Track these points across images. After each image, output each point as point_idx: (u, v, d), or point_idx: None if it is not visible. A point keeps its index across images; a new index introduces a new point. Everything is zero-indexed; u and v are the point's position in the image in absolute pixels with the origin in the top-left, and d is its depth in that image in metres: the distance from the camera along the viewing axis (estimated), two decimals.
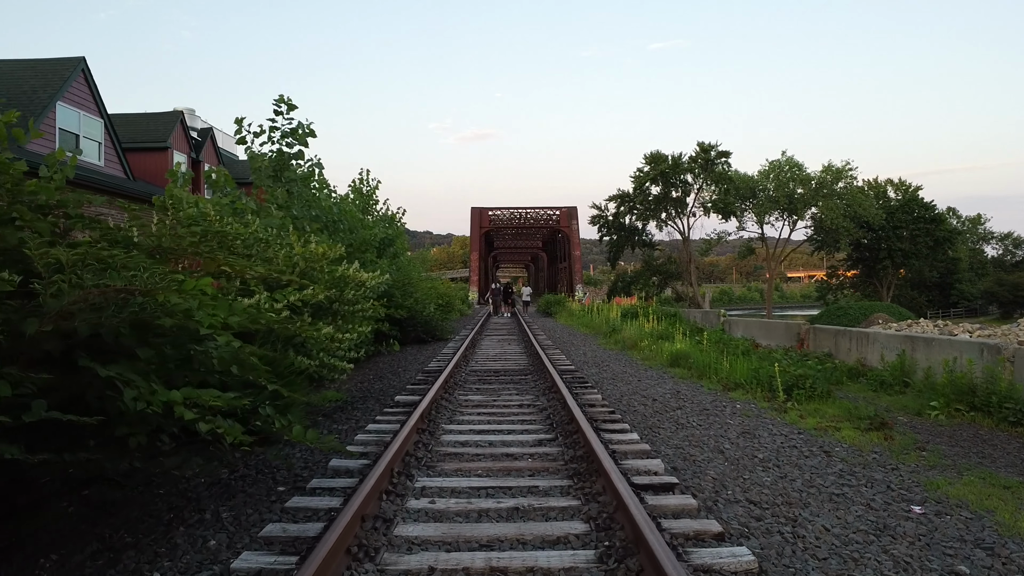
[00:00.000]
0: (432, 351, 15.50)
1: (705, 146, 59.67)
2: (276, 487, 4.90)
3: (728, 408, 8.26)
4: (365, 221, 16.26)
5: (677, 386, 10.06)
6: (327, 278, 7.83)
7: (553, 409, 7.47)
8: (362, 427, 6.94)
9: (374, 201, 20.53)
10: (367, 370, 12.63)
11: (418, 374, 11.14)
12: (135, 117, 22.59)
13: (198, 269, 5.22)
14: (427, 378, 10.11)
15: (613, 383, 10.34)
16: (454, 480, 4.81)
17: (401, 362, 13.62)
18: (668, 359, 12.79)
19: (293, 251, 7.46)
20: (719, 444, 6.44)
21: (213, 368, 4.03)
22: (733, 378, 9.99)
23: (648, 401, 8.69)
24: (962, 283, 74.44)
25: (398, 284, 16.99)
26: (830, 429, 7.06)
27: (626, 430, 6.49)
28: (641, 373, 11.60)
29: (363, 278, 8.00)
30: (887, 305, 54.96)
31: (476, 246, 56.54)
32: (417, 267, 29.80)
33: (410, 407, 7.60)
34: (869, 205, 60.44)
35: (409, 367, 12.67)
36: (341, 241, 13.90)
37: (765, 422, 7.45)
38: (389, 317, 16.10)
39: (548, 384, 9.13)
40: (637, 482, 4.63)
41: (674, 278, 66.15)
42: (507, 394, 8.77)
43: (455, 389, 9.12)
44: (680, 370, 11.88)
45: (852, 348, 10.76)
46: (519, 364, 12.22)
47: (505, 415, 7.29)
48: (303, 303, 7.48)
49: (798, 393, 8.51)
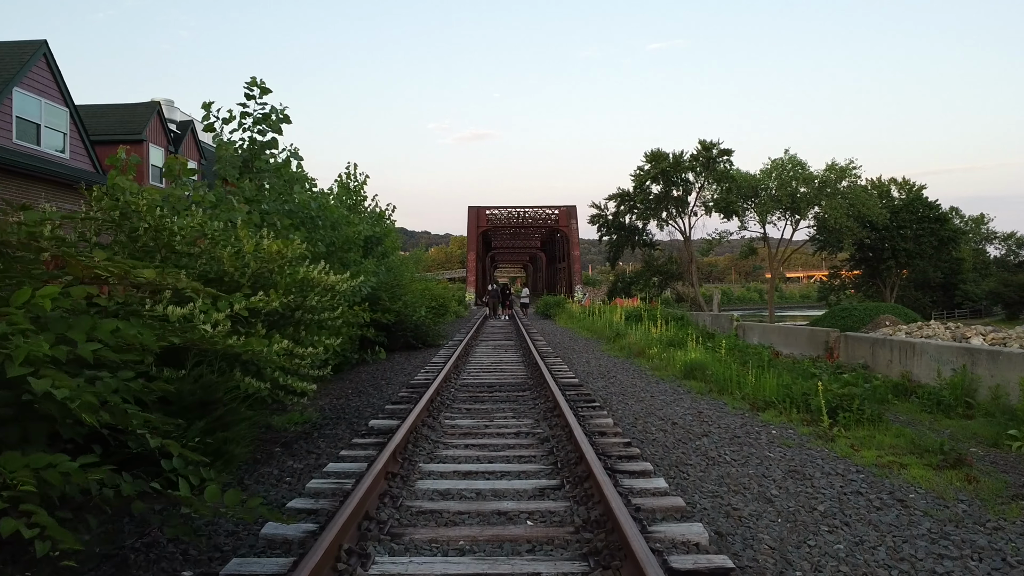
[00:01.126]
0: (422, 359, 14.21)
1: (707, 144, 58.41)
2: (180, 572, 3.60)
3: (762, 435, 6.98)
4: (349, 218, 14.96)
5: (697, 404, 8.78)
6: (287, 281, 6.55)
7: (557, 441, 6.19)
8: (321, 466, 5.65)
9: (362, 197, 19.26)
10: (347, 382, 11.34)
11: (402, 388, 9.86)
12: (108, 108, 21.26)
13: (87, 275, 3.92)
14: (411, 395, 8.83)
15: (623, 400, 9.06)
16: (425, 561, 3.52)
17: (386, 372, 12.33)
18: (681, 370, 11.51)
19: (243, 249, 6.17)
20: (764, 489, 5.17)
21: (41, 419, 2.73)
22: (761, 395, 8.72)
23: (667, 426, 7.41)
24: (966, 284, 73.29)
25: (385, 286, 15.70)
26: (894, 466, 5.78)
27: (648, 473, 5.20)
28: (653, 387, 10.32)
29: (330, 281, 6.70)
30: (892, 306, 53.79)
31: (473, 246, 55.22)
32: (411, 267, 28.52)
33: (385, 436, 6.32)
34: (873, 204, 59.28)
35: (394, 379, 11.38)
36: (321, 239, 12.65)
37: (812, 455, 6.18)
38: (375, 322, 14.83)
39: (549, 404, 7.85)
40: (678, 567, 3.35)
41: (675, 278, 64.89)
42: (502, 417, 7.49)
43: (441, 410, 7.84)
44: (696, 383, 10.60)
45: (894, 360, 9.50)
46: (516, 376, 10.94)
47: (498, 449, 6.00)
48: (254, 312, 6.20)
49: (843, 416, 7.24)
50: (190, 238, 6.32)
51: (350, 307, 11.80)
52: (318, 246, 12.23)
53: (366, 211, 18.61)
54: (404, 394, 8.99)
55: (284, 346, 6.14)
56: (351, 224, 14.53)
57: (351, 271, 13.56)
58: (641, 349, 15.02)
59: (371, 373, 12.31)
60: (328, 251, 12.95)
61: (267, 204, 11.10)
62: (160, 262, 6.39)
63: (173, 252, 6.47)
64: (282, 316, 6.89)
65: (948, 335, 31.58)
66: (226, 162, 10.58)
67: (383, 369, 12.81)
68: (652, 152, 59.93)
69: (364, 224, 15.37)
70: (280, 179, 11.58)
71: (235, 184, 10.75)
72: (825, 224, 57.80)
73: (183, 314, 5.39)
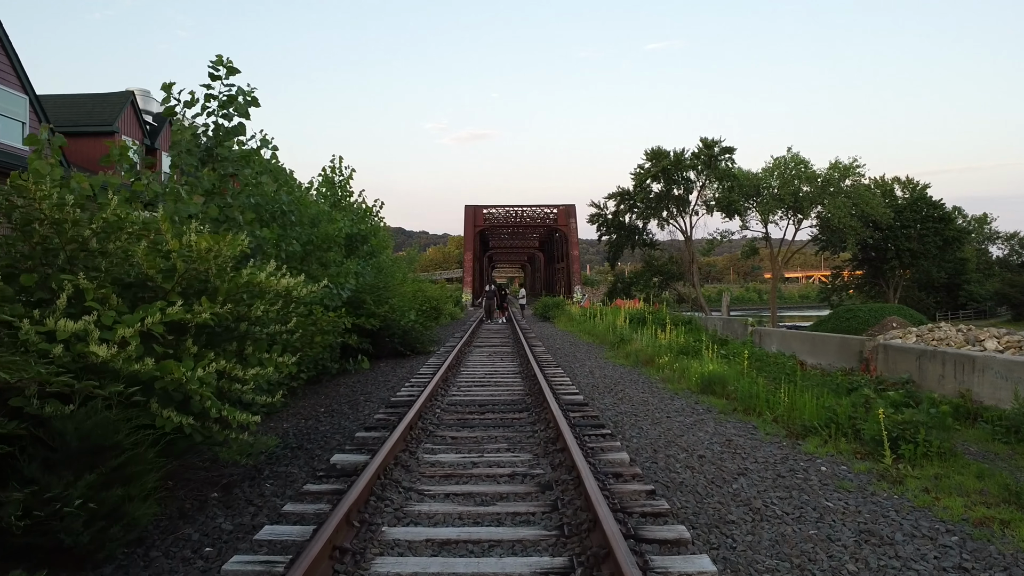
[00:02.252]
0: (409, 369, 12.93)
1: (708, 142, 57.14)
2: None
3: (811, 473, 5.72)
4: (331, 214, 13.66)
5: (723, 428, 7.52)
6: (228, 287, 5.27)
7: (562, 489, 4.91)
8: (256, 527, 4.37)
9: (348, 192, 17.98)
10: (322, 396, 10.07)
11: (381, 408, 8.58)
12: (77, 98, 19.93)
13: None
14: (389, 417, 7.55)
15: (637, 423, 7.79)
16: None
17: (368, 385, 11.05)
18: (698, 383, 10.25)
19: (166, 246, 4.88)
20: (838, 564, 3.90)
21: None
22: (798, 418, 7.45)
23: (693, 459, 6.14)
24: (970, 284, 72.17)
25: (371, 288, 14.42)
26: (992, 523, 4.53)
27: (685, 543, 3.93)
28: (668, 404, 9.06)
29: (281, 286, 5.42)
30: (898, 307, 52.61)
31: (470, 245, 53.94)
32: (403, 267, 27.23)
33: (346, 480, 5.04)
34: (877, 204, 58.12)
35: (374, 394, 10.10)
36: (296, 237, 11.37)
37: (882, 505, 4.91)
38: (358, 328, 13.54)
39: (551, 433, 6.57)
40: None
41: (676, 279, 63.62)
42: (493, 449, 6.21)
43: (422, 439, 6.56)
44: (716, 400, 9.34)
45: (947, 376, 8.24)
46: (512, 391, 9.66)
47: (488, 502, 4.72)
48: (179, 327, 4.93)
49: (906, 449, 5.98)
50: (103, 234, 5.05)
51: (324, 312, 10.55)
52: (292, 245, 10.96)
53: (352, 207, 17.34)
54: (382, 416, 7.71)
55: (220, 366, 4.88)
56: (332, 221, 13.25)
57: (330, 272, 12.33)
58: (649, 357, 13.75)
59: (351, 386, 11.03)
60: (305, 250, 11.67)
61: (231, 197, 9.85)
62: (64, 263, 5.13)
63: (84, 250, 5.20)
64: (225, 329, 5.62)
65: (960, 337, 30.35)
66: (182, 148, 9.28)
67: (365, 381, 11.53)
68: (653, 150, 58.67)
69: (345, 221, 14.06)
70: (249, 169, 10.28)
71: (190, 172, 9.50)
72: (829, 224, 56.55)
73: (75, 330, 4.12)
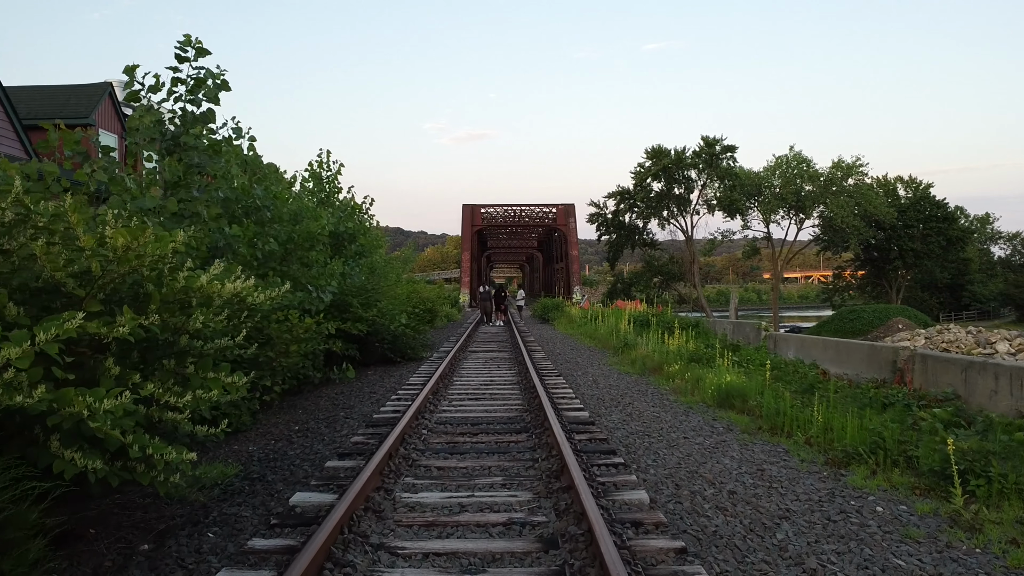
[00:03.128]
0: (398, 378, 11.96)
1: (710, 140, 56.20)
2: None
3: (868, 517, 4.76)
4: (316, 211, 12.69)
5: (750, 453, 6.56)
6: (162, 292, 4.30)
7: (572, 546, 3.94)
8: None
9: (336, 187, 17.00)
10: (299, 410, 9.11)
11: (361, 426, 7.63)
12: (54, 89, 18.94)
13: None
14: (368, 440, 6.59)
15: (650, 446, 6.82)
16: None
17: (350, 397, 10.08)
18: (714, 396, 9.30)
19: (77, 240, 3.91)
20: None
21: None
22: (837, 441, 6.50)
23: (723, 496, 5.18)
24: (973, 285, 71.29)
25: (356, 290, 13.45)
26: None
27: None
28: (683, 421, 8.10)
29: (226, 292, 4.43)
30: (903, 308, 51.76)
31: (468, 245, 52.99)
32: (396, 268, 26.24)
33: (303, 533, 4.08)
34: (881, 203, 57.19)
35: (357, 408, 9.14)
36: (274, 235, 10.41)
37: (966, 564, 3.96)
38: (343, 333, 12.58)
39: (554, 464, 5.61)
40: None
41: (676, 279, 62.67)
42: (486, 485, 5.24)
43: (402, 471, 5.60)
44: (736, 416, 8.39)
45: (1000, 391, 7.29)
46: (510, 407, 8.70)
47: (477, 567, 3.75)
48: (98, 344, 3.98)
49: (977, 485, 5.02)
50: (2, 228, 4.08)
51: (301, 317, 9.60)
52: (269, 243, 9.99)
53: (340, 204, 16.37)
54: (360, 438, 6.74)
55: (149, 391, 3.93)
56: (316, 217, 12.27)
57: (312, 273, 11.35)
58: (657, 364, 12.80)
59: (332, 398, 10.06)
60: (285, 249, 10.70)
61: (197, 190, 8.90)
62: None
63: None
64: (162, 345, 4.65)
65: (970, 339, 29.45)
66: (140, 135, 8.32)
67: (349, 392, 10.56)
68: (653, 148, 57.69)
69: (327, 217, 13.08)
70: (222, 160, 9.31)
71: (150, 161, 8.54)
72: (831, 223, 55.60)
73: None
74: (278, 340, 8.86)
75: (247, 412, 7.76)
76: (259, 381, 8.65)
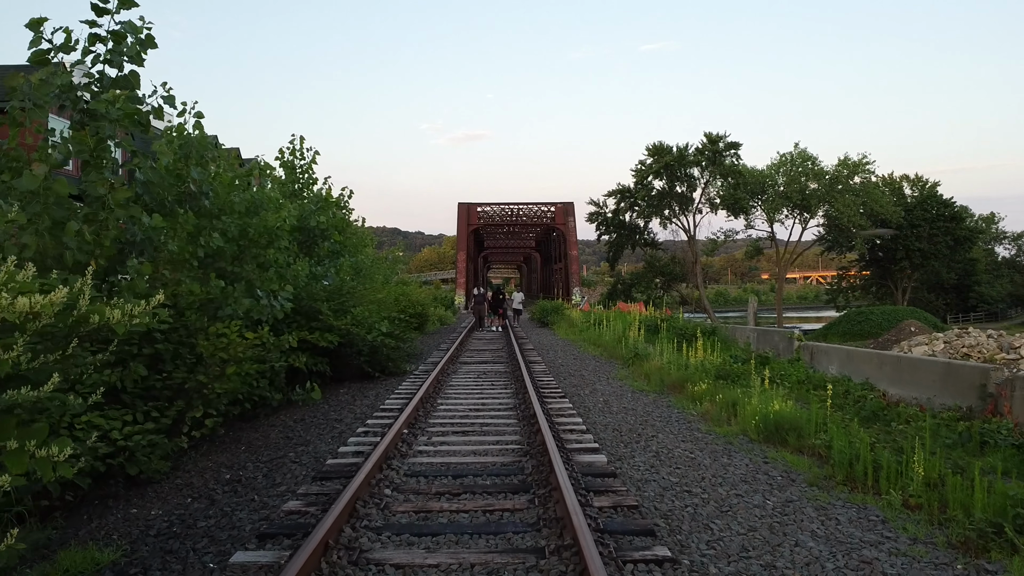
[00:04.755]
0: (373, 399, 10.11)
1: (713, 137, 54.45)
2: None
3: None
4: (277, 201, 10.81)
5: (835, 525, 4.73)
6: None
7: None
8: None
9: (312, 179, 15.16)
10: (241, 446, 7.26)
11: (309, 478, 5.79)
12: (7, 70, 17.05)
13: None
14: (308, 508, 4.75)
15: (696, 512, 4.99)
16: None
17: (309, 430, 8.21)
18: (758, 427, 7.48)
19: None
20: None
21: None
22: (956, 507, 4.68)
23: None
24: (980, 285, 69.61)
25: (327, 295, 11.61)
26: None
27: None
28: (727, 466, 6.28)
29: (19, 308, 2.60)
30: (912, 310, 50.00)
31: (463, 245, 51.12)
32: (384, 269, 24.42)
33: None
34: (887, 202, 55.48)
35: (312, 446, 7.27)
36: (222, 229, 8.59)
37: None
38: (311, 346, 10.74)
39: (568, 561, 3.77)
40: None
41: (678, 280, 60.91)
42: None
43: (355, 563, 3.75)
44: (792, 457, 6.58)
45: None
46: (505, 446, 6.87)
47: None
48: None
49: None
50: None
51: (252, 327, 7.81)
52: (213, 238, 8.16)
53: (313, 196, 14.52)
54: (296, 504, 4.90)
55: None
56: (277, 208, 10.42)
57: (269, 275, 9.52)
58: (677, 381, 10.97)
59: (287, 428, 8.21)
60: (238, 247, 8.88)
61: (109, 172, 7.07)
62: None
63: None
64: None
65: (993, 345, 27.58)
66: (25, 96, 6.47)
67: (309, 419, 8.71)
68: (655, 145, 55.92)
69: (290, 210, 11.21)
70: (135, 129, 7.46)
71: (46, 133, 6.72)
72: (837, 222, 53.85)
73: None
74: (211, 360, 7.03)
75: (159, 457, 5.91)
76: (186, 412, 6.83)
